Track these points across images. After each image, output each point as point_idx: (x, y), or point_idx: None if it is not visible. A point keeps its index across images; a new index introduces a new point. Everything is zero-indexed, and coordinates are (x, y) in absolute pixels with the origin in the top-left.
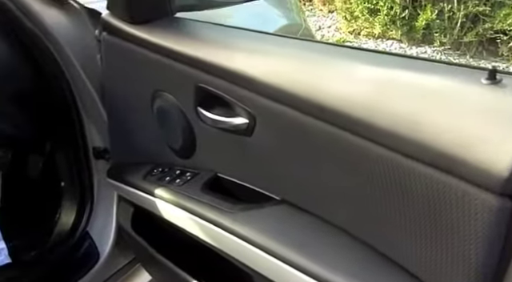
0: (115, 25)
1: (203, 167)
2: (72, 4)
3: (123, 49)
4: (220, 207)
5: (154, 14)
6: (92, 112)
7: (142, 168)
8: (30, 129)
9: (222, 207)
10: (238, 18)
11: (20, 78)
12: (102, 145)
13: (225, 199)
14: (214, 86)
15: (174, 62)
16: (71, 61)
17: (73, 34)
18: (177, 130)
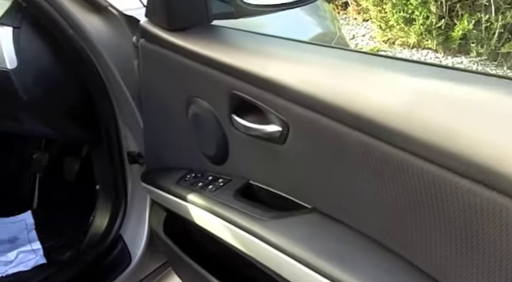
0: (153, 32)
1: (236, 174)
2: (111, 11)
3: (160, 55)
4: (252, 214)
5: (191, 21)
6: (128, 117)
7: (175, 173)
8: (68, 133)
9: (253, 215)
10: (273, 27)
11: (61, 84)
12: (136, 150)
13: (257, 207)
14: (248, 93)
15: (209, 69)
16: (109, 66)
17: (111, 40)
18: (210, 137)
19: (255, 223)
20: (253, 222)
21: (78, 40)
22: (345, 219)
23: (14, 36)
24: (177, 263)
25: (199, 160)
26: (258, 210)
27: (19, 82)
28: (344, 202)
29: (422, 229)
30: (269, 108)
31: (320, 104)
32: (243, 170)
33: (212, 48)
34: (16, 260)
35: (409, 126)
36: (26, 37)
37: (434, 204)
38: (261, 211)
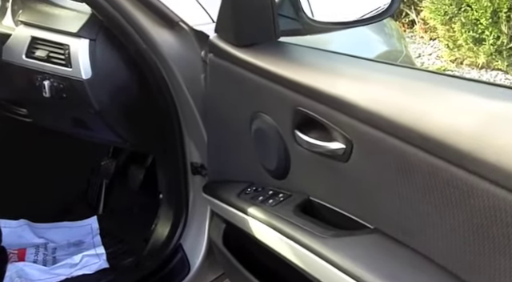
0: (221, 47)
1: (296, 190)
2: (182, 26)
3: (227, 70)
4: (312, 231)
5: (259, 37)
6: (192, 129)
7: (236, 186)
8: (135, 142)
9: (313, 231)
10: (339, 44)
11: (131, 95)
12: (199, 161)
13: (317, 224)
14: (312, 109)
15: (274, 85)
16: (177, 80)
17: (180, 54)
18: (272, 151)
19: (315, 241)
20: (312, 239)
21: (149, 53)
22: (408, 242)
23: (90, 48)
24: (234, 275)
25: (260, 174)
26: (318, 227)
27: (92, 92)
28: (408, 224)
29: (490, 256)
30: (333, 125)
31: (386, 123)
32: (304, 186)
33: (279, 64)
34: (81, 263)
35: (479, 148)
36: (100, 49)
37: (505, 231)
38: (321, 229)
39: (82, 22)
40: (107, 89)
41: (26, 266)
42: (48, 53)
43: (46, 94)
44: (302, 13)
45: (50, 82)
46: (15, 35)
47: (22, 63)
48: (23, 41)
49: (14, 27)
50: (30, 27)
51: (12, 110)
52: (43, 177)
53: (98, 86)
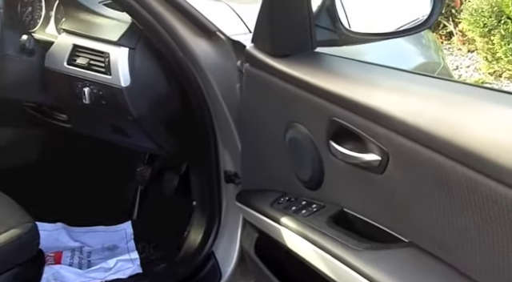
0: (258, 57)
1: (330, 201)
2: (219, 36)
3: (263, 80)
4: (345, 243)
5: (295, 48)
6: (227, 138)
7: (269, 195)
8: (171, 149)
9: (347, 244)
10: (376, 55)
11: (168, 103)
12: (233, 170)
13: (350, 236)
14: (348, 120)
15: (310, 95)
16: (213, 89)
17: (217, 63)
18: (306, 162)
19: (348, 253)
20: (346, 251)
21: (186, 62)
22: (444, 257)
23: (130, 56)
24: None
25: (293, 184)
26: (351, 239)
27: (130, 99)
28: (444, 238)
29: None
30: (369, 137)
31: (424, 135)
32: (338, 197)
33: (315, 74)
34: (115, 268)
35: None
36: (139, 57)
37: None
38: (355, 241)
39: (122, 30)
40: (145, 96)
41: (62, 269)
42: (89, 60)
43: (86, 101)
44: (338, 23)
45: (90, 89)
46: (58, 43)
47: (64, 70)
48: (65, 48)
49: (56, 35)
50: (72, 35)
51: (53, 116)
52: (80, 181)
53: (136, 93)
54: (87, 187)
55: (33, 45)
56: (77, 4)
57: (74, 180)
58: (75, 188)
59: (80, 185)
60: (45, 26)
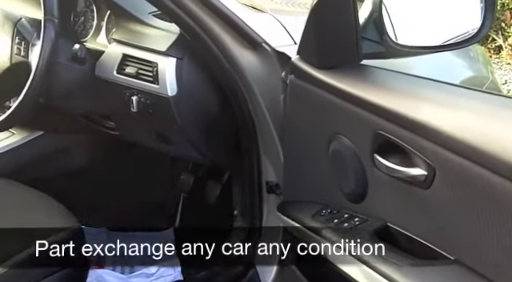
0: (303, 69)
1: (373, 214)
2: (265, 47)
3: (308, 91)
4: (388, 259)
5: (341, 60)
6: (269, 148)
7: (311, 207)
8: (214, 158)
9: (390, 259)
10: (423, 68)
11: (212, 112)
12: (274, 180)
13: (394, 251)
14: (393, 133)
15: (355, 108)
16: (257, 99)
17: (261, 74)
18: (350, 174)
19: (392, 268)
20: (389, 266)
21: (232, 73)
22: (491, 276)
23: (177, 66)
24: None
25: (336, 196)
26: (395, 254)
27: (177, 108)
28: (492, 257)
29: None
30: (415, 151)
31: (472, 151)
32: (381, 211)
33: (360, 87)
34: (157, 274)
35: None
36: (186, 67)
37: None
38: (398, 256)
39: (170, 41)
40: (191, 106)
41: (105, 273)
42: (137, 70)
43: (134, 109)
44: (385, 36)
45: (138, 97)
46: (108, 52)
47: (113, 79)
48: (115, 58)
49: (107, 45)
50: (122, 45)
51: (101, 123)
52: (126, 188)
53: (183, 102)
54: (132, 194)
55: (84, 54)
56: (128, 15)
57: (120, 186)
58: (120, 194)
59: (125, 191)
60: (96, 36)
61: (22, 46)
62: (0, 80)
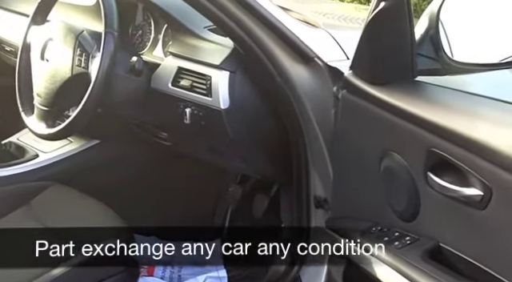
0: (356, 84)
1: (425, 234)
2: (317, 62)
3: (360, 107)
4: (441, 280)
5: (395, 76)
6: (319, 163)
7: (360, 224)
8: (263, 171)
9: (442, 280)
10: (480, 86)
11: (263, 126)
12: (323, 195)
13: (447, 272)
14: (448, 152)
15: (408, 124)
16: (308, 113)
17: (313, 89)
18: (401, 192)
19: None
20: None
21: (283, 87)
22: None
23: (230, 80)
24: None
25: (386, 214)
26: (447, 276)
27: (228, 121)
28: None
29: None
30: (471, 170)
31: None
32: (434, 230)
33: (414, 103)
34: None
35: None
36: (239, 81)
37: None
38: (451, 278)
39: (224, 55)
40: (242, 119)
41: (154, 281)
42: (191, 82)
43: (187, 121)
44: (441, 52)
45: (191, 109)
46: (164, 65)
47: (168, 91)
48: (170, 70)
49: (163, 57)
50: (178, 58)
51: (154, 134)
52: (175, 197)
53: (234, 115)
54: (181, 203)
55: (141, 66)
56: (184, 29)
57: (169, 196)
58: (170, 204)
59: (174, 201)
60: (153, 49)
61: (82, 57)
62: (61, 90)
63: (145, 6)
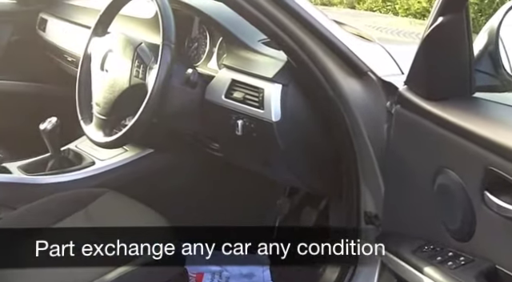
0: (411, 99)
1: (480, 255)
2: (370, 76)
3: (414, 122)
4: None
5: (452, 92)
6: (369, 178)
7: (412, 242)
8: (312, 184)
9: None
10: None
11: (314, 139)
12: (373, 211)
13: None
14: (506, 171)
15: (465, 141)
16: (359, 128)
17: (366, 103)
18: (456, 211)
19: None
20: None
21: (335, 100)
22: None
23: (282, 92)
24: None
25: (439, 233)
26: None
27: (279, 134)
28: None
29: None
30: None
31: None
32: (490, 251)
33: (472, 120)
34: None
35: None
36: (291, 94)
37: None
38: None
39: (277, 68)
40: (293, 132)
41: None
42: (244, 95)
43: (239, 133)
44: (501, 69)
45: (243, 121)
46: (218, 77)
47: (221, 103)
48: (224, 82)
49: (217, 70)
50: (232, 70)
51: (206, 144)
52: (224, 207)
53: (286, 128)
54: (230, 213)
55: (196, 78)
56: (238, 42)
57: (219, 206)
58: (219, 214)
59: (223, 211)
60: (207, 61)
61: (140, 68)
62: (118, 100)
63: (201, 20)
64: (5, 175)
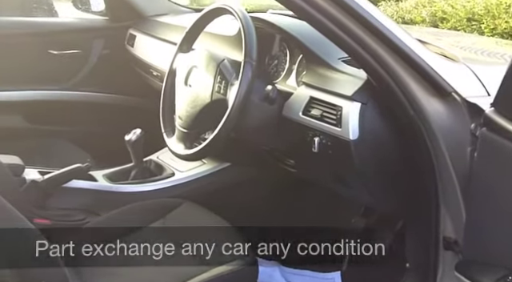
0: (499, 122)
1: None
2: (454, 97)
3: (503, 146)
4: None
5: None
6: (450, 202)
7: (494, 271)
8: (388, 205)
9: None
10: None
11: (392, 159)
12: (453, 236)
13: None
14: None
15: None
16: (441, 149)
17: (448, 124)
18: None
19: None
20: None
21: (416, 120)
22: None
23: (361, 111)
24: None
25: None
26: None
27: (356, 152)
28: None
29: None
30: None
31: None
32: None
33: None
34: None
35: None
36: (370, 113)
37: None
38: None
39: (356, 86)
40: (371, 151)
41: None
42: (322, 112)
43: (315, 150)
44: None
45: (320, 138)
46: (296, 94)
47: (298, 119)
48: (302, 100)
49: (295, 87)
50: (310, 88)
51: (282, 160)
52: (298, 223)
53: (363, 147)
54: (303, 230)
55: (275, 95)
56: (318, 60)
57: (292, 221)
58: (292, 230)
59: (297, 227)
60: (286, 78)
61: (222, 84)
62: (200, 114)
63: (282, 37)
64: (92, 182)
